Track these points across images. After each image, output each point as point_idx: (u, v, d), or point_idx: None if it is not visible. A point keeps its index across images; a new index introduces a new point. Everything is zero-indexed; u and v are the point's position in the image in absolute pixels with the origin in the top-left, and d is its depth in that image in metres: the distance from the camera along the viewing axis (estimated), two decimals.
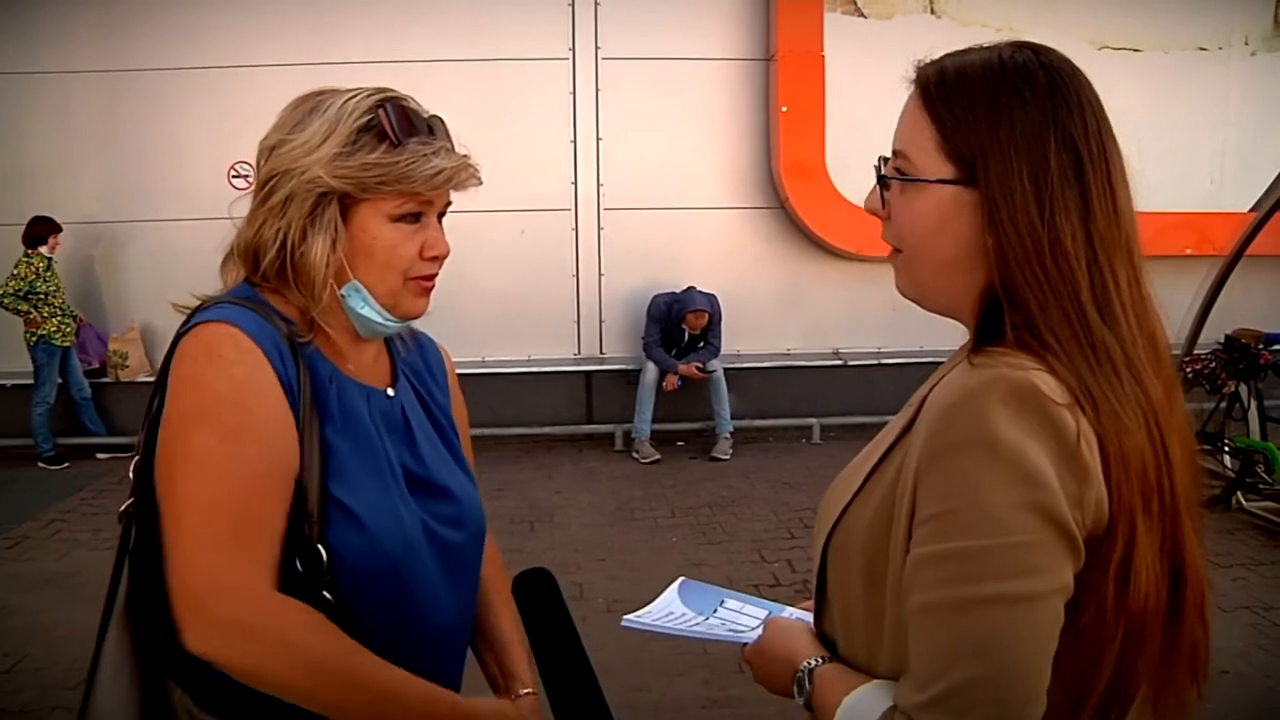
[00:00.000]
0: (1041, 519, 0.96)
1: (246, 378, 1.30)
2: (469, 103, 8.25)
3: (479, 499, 1.61)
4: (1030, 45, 1.13)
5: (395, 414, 1.51)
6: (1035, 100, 1.07)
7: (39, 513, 6.91)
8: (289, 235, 1.37)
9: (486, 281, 8.44)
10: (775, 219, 9.26)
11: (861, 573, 1.13)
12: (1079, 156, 1.06)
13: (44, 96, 8.75)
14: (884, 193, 1.19)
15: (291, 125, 1.40)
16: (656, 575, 5.46)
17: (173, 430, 1.29)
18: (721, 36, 9.10)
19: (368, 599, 1.37)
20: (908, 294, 1.21)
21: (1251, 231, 6.78)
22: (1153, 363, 1.08)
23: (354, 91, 1.41)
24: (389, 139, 1.37)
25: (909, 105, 1.16)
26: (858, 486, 1.15)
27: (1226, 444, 6.54)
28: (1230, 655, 4.42)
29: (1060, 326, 1.04)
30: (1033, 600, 0.96)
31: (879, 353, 9.24)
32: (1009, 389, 0.98)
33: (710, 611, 1.48)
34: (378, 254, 1.41)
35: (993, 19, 8.66)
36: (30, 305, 8.00)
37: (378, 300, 1.44)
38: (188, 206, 8.20)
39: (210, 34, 8.64)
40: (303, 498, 1.32)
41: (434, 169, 1.39)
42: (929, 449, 1.01)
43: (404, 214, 1.41)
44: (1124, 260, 1.08)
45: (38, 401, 8.23)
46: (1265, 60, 9.58)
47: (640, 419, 8.51)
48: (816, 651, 1.20)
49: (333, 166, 1.35)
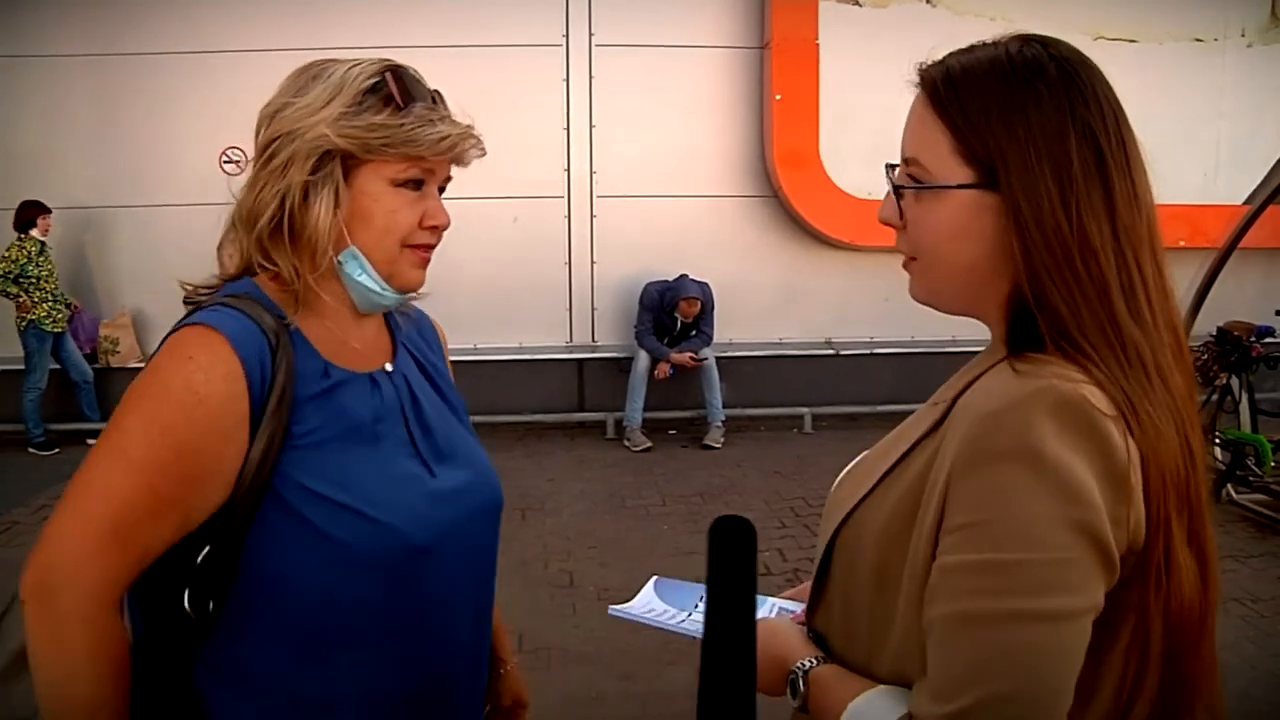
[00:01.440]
0: (1082, 537, 0.94)
1: (207, 389, 1.27)
2: (462, 90, 8.05)
3: (489, 464, 1.59)
4: (1037, 38, 1.10)
5: (401, 387, 1.49)
6: (1051, 95, 1.04)
7: (29, 498, 6.87)
8: (289, 196, 1.35)
9: (479, 269, 8.41)
10: (768, 208, 9.26)
11: (873, 572, 1.10)
12: (1099, 149, 1.03)
13: (34, 81, 8.70)
14: (899, 202, 1.15)
15: (295, 90, 1.38)
16: (647, 563, 5.46)
17: (122, 405, 1.29)
18: (715, 24, 9.08)
19: (388, 587, 1.37)
20: (924, 300, 1.17)
21: (1245, 224, 6.78)
22: (1175, 356, 1.06)
23: (357, 60, 1.39)
24: (394, 102, 1.36)
25: (916, 109, 1.12)
26: (874, 483, 1.13)
27: (1218, 436, 6.56)
28: (1219, 646, 4.41)
29: (1093, 332, 1.01)
30: (1065, 619, 0.94)
31: (871, 342, 9.24)
32: (1057, 401, 0.95)
33: (692, 607, 1.47)
34: (377, 218, 1.39)
35: (988, 8, 8.64)
36: (21, 289, 7.97)
37: (375, 268, 1.41)
38: (179, 192, 8.17)
39: (202, 19, 8.60)
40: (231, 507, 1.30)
41: (439, 134, 1.37)
42: (966, 455, 0.98)
43: (406, 179, 1.39)
44: (1148, 252, 1.05)
45: (29, 387, 8.20)
46: (1261, 52, 9.58)
47: (632, 407, 8.52)
48: (810, 651, 1.18)
49: (338, 125, 1.33)
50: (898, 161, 1.15)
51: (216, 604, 1.32)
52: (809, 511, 6.49)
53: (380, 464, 1.40)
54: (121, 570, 1.26)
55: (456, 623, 1.48)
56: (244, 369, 1.29)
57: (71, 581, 1.23)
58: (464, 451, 1.54)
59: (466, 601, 1.50)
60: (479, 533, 1.52)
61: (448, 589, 1.45)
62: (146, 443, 1.25)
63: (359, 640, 1.38)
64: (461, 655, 1.51)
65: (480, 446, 1.60)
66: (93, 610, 1.25)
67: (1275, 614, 4.86)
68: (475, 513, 1.50)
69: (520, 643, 4.37)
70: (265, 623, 1.35)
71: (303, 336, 1.39)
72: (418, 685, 1.43)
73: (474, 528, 1.50)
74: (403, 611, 1.40)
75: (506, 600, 1.65)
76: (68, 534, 1.25)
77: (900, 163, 1.14)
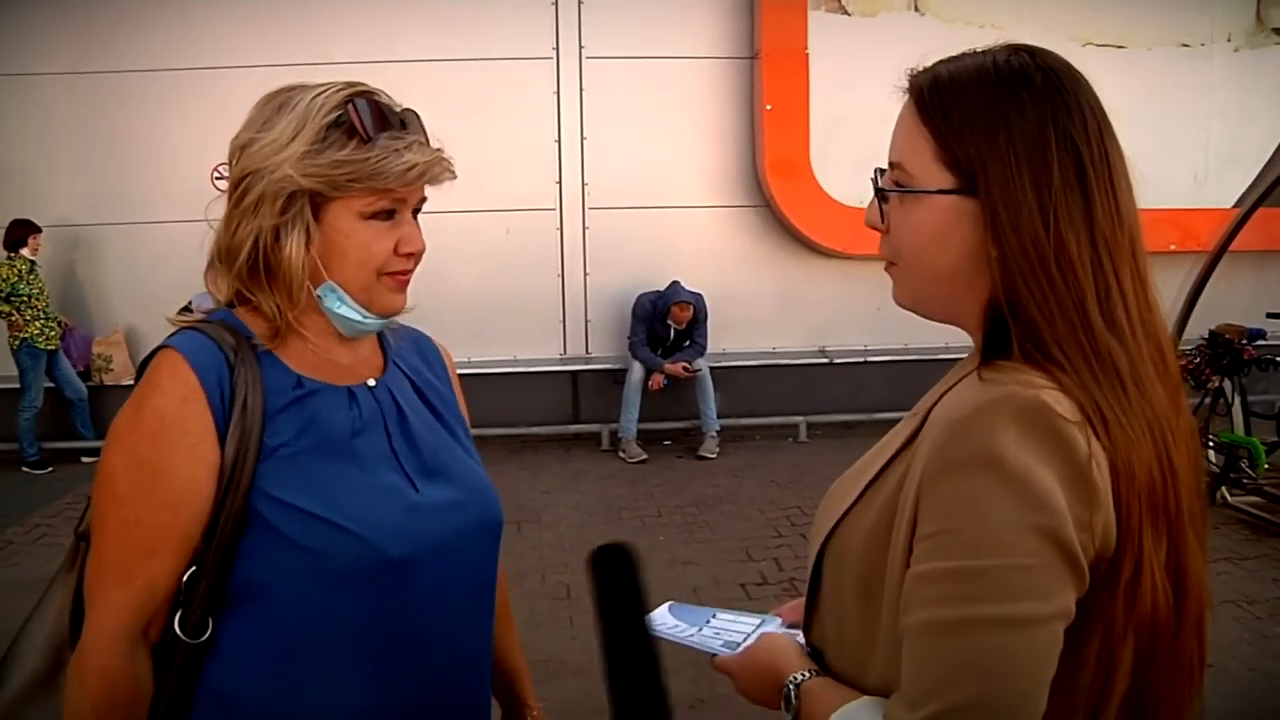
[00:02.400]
0: (1045, 542, 0.94)
1: (170, 411, 1.31)
2: (453, 102, 8.23)
3: (488, 483, 1.58)
4: (1026, 48, 1.10)
5: (385, 401, 1.48)
6: (1034, 104, 1.04)
7: (24, 517, 6.86)
8: (261, 236, 1.35)
9: (471, 281, 8.42)
10: (760, 217, 9.26)
11: (857, 583, 1.11)
12: (1080, 159, 1.04)
13: (24, 98, 8.68)
14: (882, 206, 1.16)
15: (261, 122, 1.37)
16: (645, 574, 5.45)
17: (106, 444, 1.35)
18: (705, 35, 9.09)
19: (369, 601, 1.37)
20: (906, 305, 1.18)
21: (1235, 227, 6.80)
22: (1158, 368, 1.06)
23: (323, 86, 1.37)
24: (359, 135, 1.34)
25: (903, 115, 1.13)
26: (858, 494, 1.13)
27: (1211, 439, 6.57)
28: (1214, 649, 4.40)
29: (1066, 340, 1.01)
30: (1032, 624, 0.94)
31: (865, 350, 9.25)
32: (1019, 407, 0.96)
33: (703, 623, 1.47)
34: (351, 252, 1.38)
35: (976, 16, 8.67)
36: (13, 308, 7.95)
37: (354, 298, 1.41)
38: (171, 209, 8.15)
39: (193, 35, 8.59)
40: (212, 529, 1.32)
41: (406, 164, 1.35)
42: (933, 464, 0.99)
43: (376, 211, 1.37)
44: (1127, 263, 1.05)
45: (24, 406, 8.18)
46: (1248, 56, 9.61)
47: (626, 418, 8.50)
48: (804, 665, 1.17)
49: (302, 165, 1.32)
50: (885, 167, 1.16)
51: (205, 625, 1.34)
52: (805, 521, 6.47)
53: (356, 476, 1.40)
54: (126, 605, 1.30)
55: (445, 642, 1.47)
56: (203, 387, 1.32)
57: (90, 618, 1.30)
58: (457, 469, 1.53)
59: (456, 620, 1.49)
60: (469, 550, 1.50)
61: (433, 606, 1.44)
62: (127, 476, 1.30)
63: (341, 657, 1.37)
64: (452, 675, 1.49)
65: (480, 466, 1.59)
66: (101, 646, 1.29)
67: (1271, 616, 4.86)
68: (464, 530, 1.48)
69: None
70: (246, 641, 1.35)
71: (273, 356, 1.40)
72: (403, 703, 1.42)
73: (463, 545, 1.48)
74: (385, 627, 1.39)
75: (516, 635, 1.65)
76: (92, 576, 1.32)
77: (887, 167, 1.15)
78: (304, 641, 1.35)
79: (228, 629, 1.34)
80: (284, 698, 1.35)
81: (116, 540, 1.30)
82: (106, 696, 1.29)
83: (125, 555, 1.29)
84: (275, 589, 1.33)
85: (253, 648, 1.35)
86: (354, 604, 1.36)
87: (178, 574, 1.31)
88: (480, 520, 1.53)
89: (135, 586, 1.29)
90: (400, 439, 1.48)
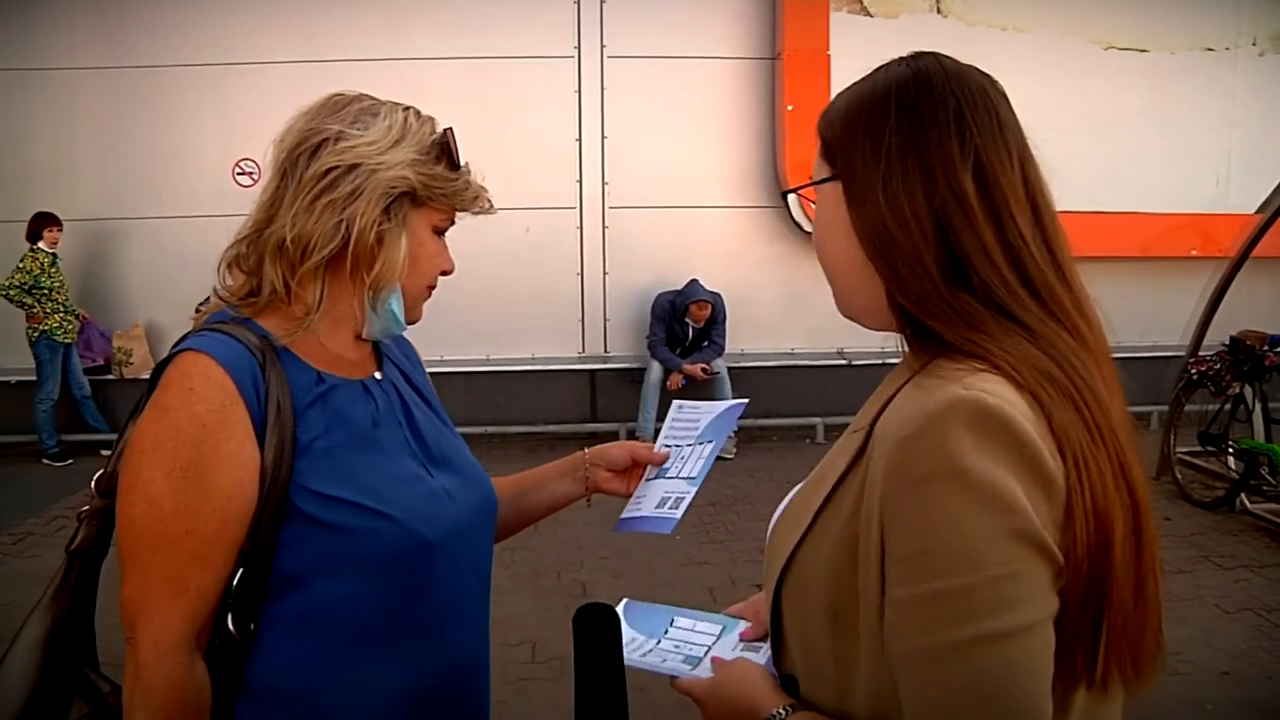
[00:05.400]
0: (1021, 544, 0.92)
1: (210, 416, 1.30)
2: (474, 100, 8.26)
3: (479, 466, 1.64)
4: (914, 53, 1.13)
5: (391, 394, 1.54)
6: (883, 81, 1.10)
7: (43, 509, 6.91)
8: (357, 230, 1.38)
9: (491, 280, 8.43)
10: (780, 218, 9.25)
11: (825, 613, 1.08)
12: (921, 120, 1.05)
13: (48, 93, 8.77)
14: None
15: (348, 121, 1.41)
16: (659, 574, 5.49)
17: (132, 453, 1.32)
18: (727, 35, 9.11)
19: (402, 585, 1.41)
20: (842, 312, 1.20)
21: (1257, 233, 6.77)
22: (1065, 297, 1.05)
23: (406, 106, 1.47)
24: (449, 158, 1.45)
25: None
26: (808, 523, 1.11)
27: (1231, 446, 6.54)
28: (1233, 656, 4.41)
29: (937, 310, 1.03)
30: (1025, 631, 0.93)
31: (883, 352, 9.14)
32: (970, 413, 0.94)
33: (661, 633, 1.47)
34: (422, 261, 1.47)
35: (998, 18, 8.63)
36: (34, 300, 8.02)
37: (405, 304, 1.49)
38: (192, 203, 8.23)
39: (214, 31, 8.65)
40: (256, 528, 1.33)
41: (474, 193, 1.50)
42: (893, 483, 0.97)
43: (443, 227, 1.50)
44: (1002, 214, 1.04)
45: (41, 398, 8.25)
46: (1273, 61, 9.55)
47: (644, 418, 8.52)
48: (780, 700, 1.14)
49: (415, 168, 1.40)
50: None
51: (255, 621, 1.36)
52: None
53: (385, 465, 1.44)
54: (184, 616, 1.31)
55: (464, 620, 1.53)
56: (239, 390, 1.32)
57: (143, 636, 1.29)
58: (457, 457, 1.59)
59: (471, 599, 1.56)
60: (477, 534, 1.58)
61: (454, 586, 1.50)
62: (172, 488, 1.28)
63: (375, 644, 1.41)
64: (472, 652, 1.56)
65: (469, 451, 1.65)
66: (163, 661, 1.30)
67: None
68: (473, 512, 1.55)
69: (534, 653, 4.38)
70: (284, 632, 1.37)
71: (291, 353, 1.42)
72: (434, 683, 1.46)
73: (473, 528, 1.55)
74: (417, 609, 1.43)
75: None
76: (136, 593, 1.30)
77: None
78: (340, 629, 1.38)
79: (265, 621, 1.37)
80: (321, 685, 1.39)
81: (167, 554, 1.29)
82: (180, 710, 1.30)
83: (177, 567, 1.29)
84: (312, 580, 1.36)
85: (290, 638, 1.37)
86: (388, 589, 1.40)
87: (227, 578, 1.33)
88: (482, 504, 1.59)
89: (190, 596, 1.30)
90: (409, 430, 1.53)
